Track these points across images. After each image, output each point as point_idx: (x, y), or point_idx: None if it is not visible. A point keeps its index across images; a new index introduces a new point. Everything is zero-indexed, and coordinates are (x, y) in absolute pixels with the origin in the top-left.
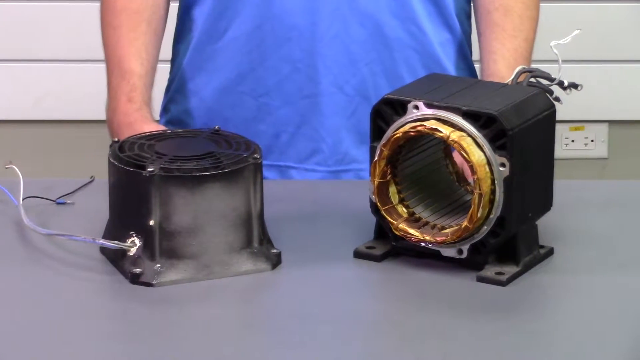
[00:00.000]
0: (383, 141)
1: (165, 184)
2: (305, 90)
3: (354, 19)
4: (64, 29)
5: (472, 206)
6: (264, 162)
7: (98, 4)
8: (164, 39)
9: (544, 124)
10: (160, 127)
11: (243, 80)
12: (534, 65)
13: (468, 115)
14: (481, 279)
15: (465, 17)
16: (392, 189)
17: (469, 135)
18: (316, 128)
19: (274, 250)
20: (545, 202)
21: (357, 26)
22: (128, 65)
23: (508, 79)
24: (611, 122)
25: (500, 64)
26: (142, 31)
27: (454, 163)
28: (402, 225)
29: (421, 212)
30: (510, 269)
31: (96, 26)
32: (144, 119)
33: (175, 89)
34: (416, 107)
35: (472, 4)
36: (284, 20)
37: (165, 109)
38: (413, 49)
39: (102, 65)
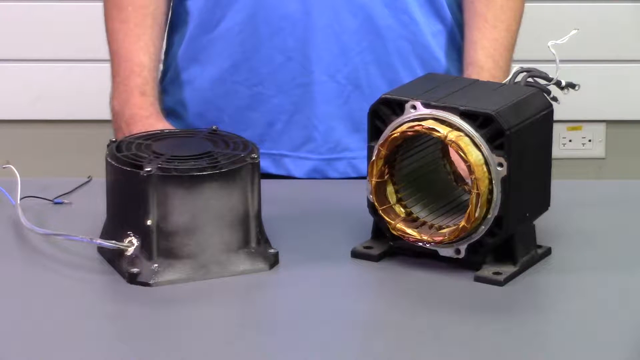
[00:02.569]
0: (380, 141)
1: (163, 184)
2: (298, 79)
3: (346, 8)
4: (62, 28)
5: (470, 206)
6: None
7: (97, 4)
8: None
9: (541, 123)
10: (171, 127)
11: (237, 70)
12: (531, 65)
13: (466, 115)
14: (479, 279)
15: (457, 7)
16: (390, 189)
17: (467, 135)
18: (309, 116)
19: (272, 250)
20: (542, 202)
21: (348, 15)
22: (138, 58)
23: (487, 67)
24: (609, 122)
25: (480, 54)
26: (148, 25)
27: (451, 163)
28: (400, 225)
29: (419, 211)
30: (507, 269)
31: (94, 26)
32: (158, 115)
33: (169, 80)
34: (414, 107)
35: None
36: (277, 9)
37: (158, 100)
38: (405, 39)
39: (100, 65)
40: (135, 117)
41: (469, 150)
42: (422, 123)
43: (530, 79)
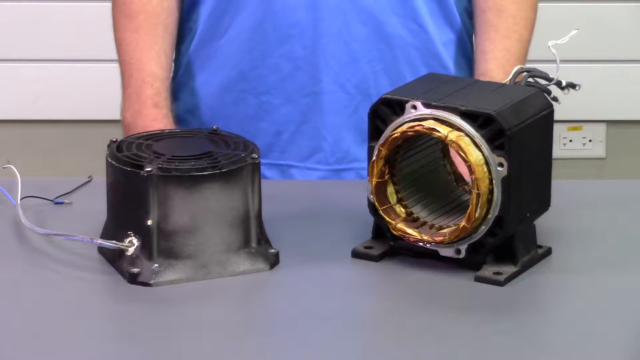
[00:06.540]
0: (381, 141)
1: (163, 184)
2: (307, 88)
3: (355, 16)
4: (62, 28)
5: (470, 206)
6: (265, 161)
7: (97, 4)
8: None
9: (542, 123)
10: None
11: (244, 79)
12: (532, 65)
13: (466, 115)
14: (479, 279)
15: (467, 16)
16: (390, 189)
17: (467, 135)
18: (317, 126)
19: (272, 250)
20: (543, 202)
21: (358, 24)
22: (150, 68)
23: (498, 78)
24: (609, 122)
25: (491, 64)
26: (159, 34)
27: (452, 163)
28: (400, 225)
29: (419, 211)
30: (508, 269)
31: (95, 26)
32: (172, 127)
33: (177, 88)
34: (414, 107)
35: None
36: (286, 17)
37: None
38: (414, 47)
39: (100, 65)
40: (149, 129)
41: (470, 151)
42: (423, 123)
43: (530, 79)
